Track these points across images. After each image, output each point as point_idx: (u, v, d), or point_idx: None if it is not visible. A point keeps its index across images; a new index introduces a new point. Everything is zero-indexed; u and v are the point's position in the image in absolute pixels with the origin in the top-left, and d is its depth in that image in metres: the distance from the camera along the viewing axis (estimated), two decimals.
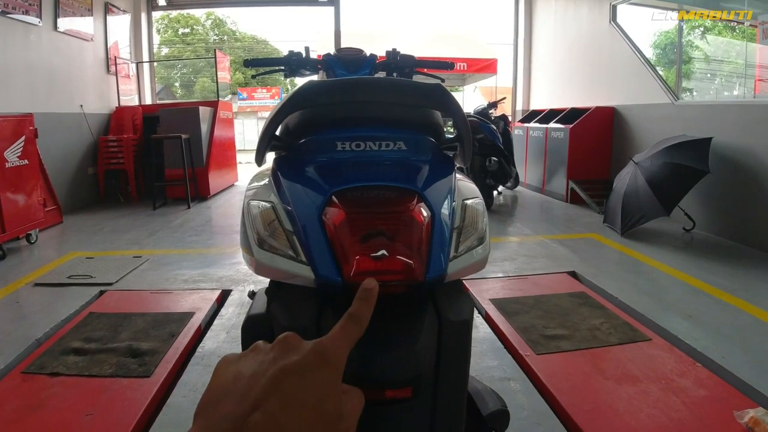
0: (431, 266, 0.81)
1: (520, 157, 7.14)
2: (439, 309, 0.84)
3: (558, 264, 3.54)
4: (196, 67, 27.38)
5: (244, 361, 0.37)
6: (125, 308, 2.74)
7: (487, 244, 0.94)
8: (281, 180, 0.94)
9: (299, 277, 0.83)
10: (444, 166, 0.98)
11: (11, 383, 2.00)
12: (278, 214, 0.89)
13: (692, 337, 2.32)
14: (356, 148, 0.95)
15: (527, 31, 8.67)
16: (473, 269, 0.92)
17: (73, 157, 6.06)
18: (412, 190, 0.88)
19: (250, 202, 0.95)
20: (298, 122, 1.01)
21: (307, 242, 0.83)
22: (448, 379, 0.85)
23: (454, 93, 12.68)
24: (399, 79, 0.95)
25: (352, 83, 0.95)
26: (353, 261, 0.77)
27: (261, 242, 0.88)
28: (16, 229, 3.97)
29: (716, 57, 6.83)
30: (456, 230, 0.89)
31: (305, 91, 0.90)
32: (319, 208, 0.84)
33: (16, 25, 5.01)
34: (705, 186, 4.17)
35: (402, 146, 0.96)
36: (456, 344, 0.86)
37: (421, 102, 0.96)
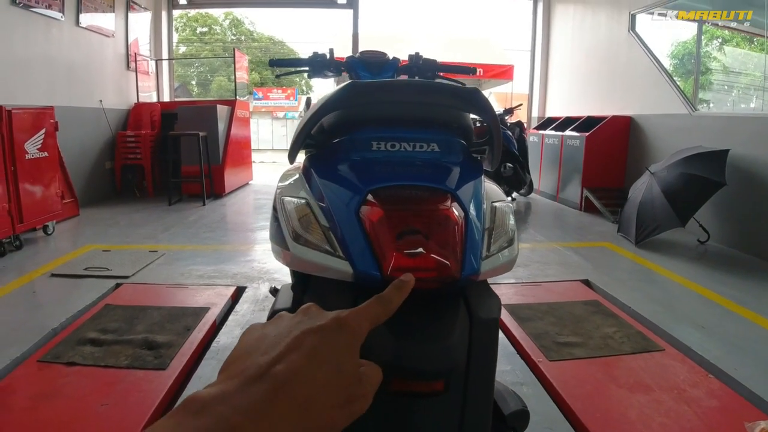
0: (466, 265, 0.83)
1: (534, 164, 7.12)
2: (470, 307, 0.86)
3: (571, 272, 3.53)
4: (213, 66, 27.60)
5: (268, 327, 0.40)
6: (141, 301, 2.78)
7: (516, 247, 0.96)
8: (315, 178, 0.96)
9: (337, 271, 0.84)
10: (473, 169, 1.00)
11: (27, 371, 2.04)
12: (313, 210, 0.91)
13: (704, 348, 2.30)
14: (391, 148, 0.97)
15: (545, 38, 8.66)
16: (503, 269, 0.94)
17: (91, 151, 6.14)
18: (445, 190, 0.90)
19: (284, 198, 0.97)
20: (333, 122, 1.03)
21: (344, 238, 0.85)
22: (477, 375, 0.86)
23: None
24: (439, 82, 0.97)
25: (394, 85, 0.97)
26: (390, 257, 0.79)
27: (297, 237, 0.91)
28: (33, 220, 4.03)
29: (734, 69, 6.77)
30: (487, 231, 0.91)
31: (349, 91, 0.92)
32: (356, 206, 0.86)
33: (39, 19, 5.09)
34: (721, 198, 4.13)
35: (435, 148, 0.98)
36: (485, 342, 0.87)
37: (459, 105, 0.98)
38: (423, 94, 0.96)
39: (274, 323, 0.40)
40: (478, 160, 1.08)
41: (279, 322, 0.40)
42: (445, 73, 1.86)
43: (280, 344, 0.36)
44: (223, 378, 0.35)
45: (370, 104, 0.98)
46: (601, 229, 5.04)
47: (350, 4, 8.35)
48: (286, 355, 0.35)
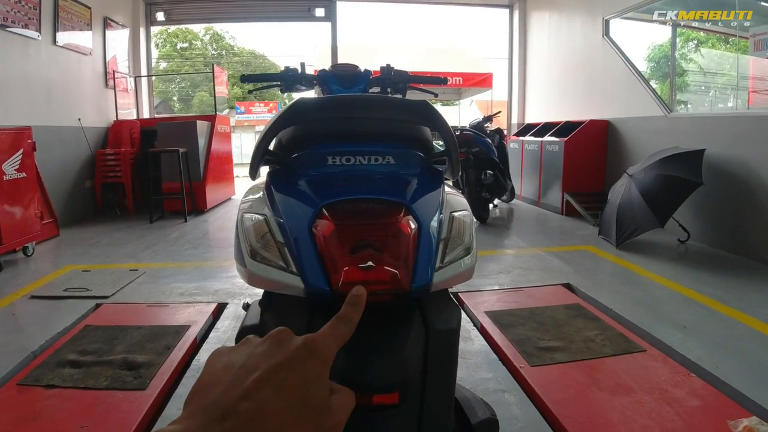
0: (417, 276, 0.83)
1: (515, 170, 7.19)
2: (426, 318, 0.86)
3: (553, 276, 3.55)
4: (195, 82, 27.51)
5: (235, 353, 0.38)
6: (121, 321, 2.74)
7: (474, 255, 0.97)
8: (274, 193, 0.97)
9: (290, 286, 0.85)
10: (432, 180, 1.01)
11: (7, 395, 2.01)
12: (270, 226, 0.91)
13: (686, 347, 2.33)
14: (346, 162, 0.98)
15: (522, 45, 8.77)
16: (460, 279, 0.94)
17: (71, 170, 6.07)
18: (400, 202, 0.91)
19: (244, 215, 0.98)
20: (291, 137, 1.04)
21: (297, 253, 0.85)
22: (435, 386, 0.87)
23: (451, 107, 12.75)
24: (387, 96, 0.98)
25: (342, 100, 0.98)
26: (341, 271, 0.79)
27: (253, 254, 0.91)
28: (12, 241, 3.97)
29: (710, 69, 6.91)
30: (443, 241, 0.92)
31: (297, 107, 0.93)
32: (310, 221, 0.87)
33: (15, 38, 5.04)
34: (699, 197, 4.20)
35: (391, 160, 0.99)
36: (442, 352, 0.87)
37: (408, 118, 0.99)
38: (369, 110, 0.97)
39: (241, 350, 0.39)
40: (438, 170, 1.09)
41: (245, 349, 0.39)
42: (416, 84, 1.88)
43: (247, 379, 0.35)
44: (186, 414, 0.34)
45: (321, 120, 0.99)
46: (582, 232, 5.09)
47: (328, 17, 8.40)
48: (252, 391, 0.34)
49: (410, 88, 1.86)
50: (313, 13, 8.41)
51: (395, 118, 1.00)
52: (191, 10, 8.64)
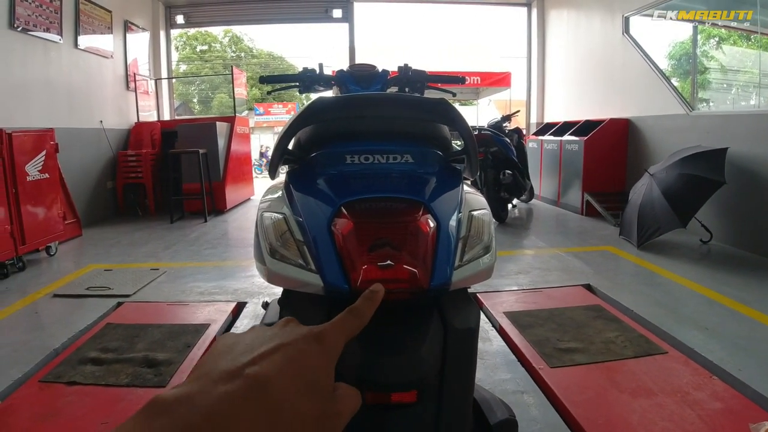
0: (435, 274, 0.83)
1: (534, 170, 7.12)
2: (445, 317, 0.86)
3: (573, 277, 3.51)
4: (214, 84, 27.81)
5: (243, 335, 0.38)
6: (142, 319, 2.78)
7: (493, 254, 0.96)
8: (293, 192, 0.97)
9: (309, 284, 0.85)
10: (451, 178, 1.01)
11: (29, 391, 2.05)
12: (290, 225, 0.92)
13: (708, 349, 2.28)
14: (365, 161, 0.98)
15: (540, 44, 8.69)
16: (479, 278, 0.93)
17: (93, 171, 6.18)
18: (418, 201, 0.91)
19: (264, 214, 0.98)
20: (310, 137, 1.04)
21: (316, 251, 0.86)
22: (453, 385, 0.86)
23: (468, 107, 12.71)
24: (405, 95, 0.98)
25: (360, 99, 0.98)
26: (360, 269, 0.79)
27: (273, 252, 0.91)
28: (35, 241, 4.06)
29: (732, 67, 6.77)
30: (462, 240, 0.91)
31: (315, 106, 0.94)
32: (329, 219, 0.87)
33: (37, 42, 5.16)
34: (721, 197, 4.12)
35: (409, 159, 0.98)
36: (461, 351, 0.87)
37: (426, 116, 0.99)
38: (386, 108, 0.97)
39: (250, 333, 0.39)
40: (457, 169, 1.09)
41: (254, 332, 0.39)
42: (434, 83, 1.87)
43: (255, 350, 0.35)
44: (190, 379, 0.33)
45: (339, 119, 0.99)
46: (603, 233, 5.02)
47: (346, 18, 8.42)
48: (260, 360, 0.34)
49: (428, 88, 1.86)
50: (330, 14, 8.45)
51: (413, 117, 0.99)
52: (210, 12, 8.75)
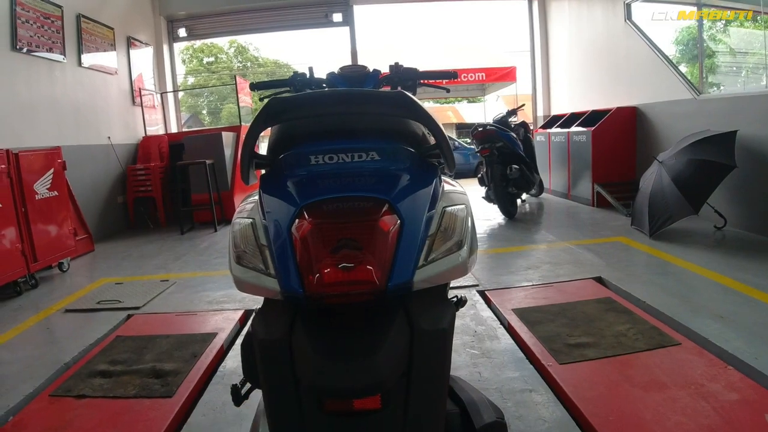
0: (394, 274, 0.81)
1: (543, 163, 7.05)
2: (412, 317, 0.83)
3: (584, 270, 3.46)
4: (222, 94, 28.00)
5: None
6: (151, 331, 2.80)
7: (469, 249, 0.93)
8: (262, 196, 0.96)
9: (269, 290, 0.84)
10: (424, 175, 0.98)
11: (39, 406, 2.07)
12: (256, 230, 0.90)
13: (723, 338, 2.22)
14: (329, 160, 0.96)
15: (543, 36, 8.62)
16: (451, 275, 0.90)
17: (103, 186, 6.25)
18: (382, 199, 0.89)
19: (234, 220, 0.97)
20: (277, 138, 1.03)
21: (276, 256, 0.84)
22: (422, 389, 0.83)
23: (476, 103, 12.68)
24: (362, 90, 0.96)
25: (315, 96, 0.96)
26: (321, 272, 0.77)
27: (239, 258, 0.90)
28: (47, 258, 4.11)
29: (740, 49, 6.64)
30: (430, 238, 0.88)
31: (270, 108, 0.92)
32: (290, 221, 0.85)
33: (41, 62, 5.22)
34: (733, 181, 4.03)
35: (375, 156, 0.96)
36: (430, 354, 0.84)
37: (384, 110, 0.96)
38: (345, 104, 0.94)
39: None
40: (432, 165, 1.06)
41: None
42: (426, 80, 1.85)
43: None
44: None
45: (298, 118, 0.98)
46: (614, 223, 4.94)
47: (346, 21, 8.43)
48: None
49: (420, 85, 1.84)
50: (330, 19, 8.46)
51: (372, 111, 0.97)
52: (212, 24, 8.80)
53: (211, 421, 1.91)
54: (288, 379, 0.79)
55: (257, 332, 0.86)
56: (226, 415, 1.92)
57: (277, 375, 0.81)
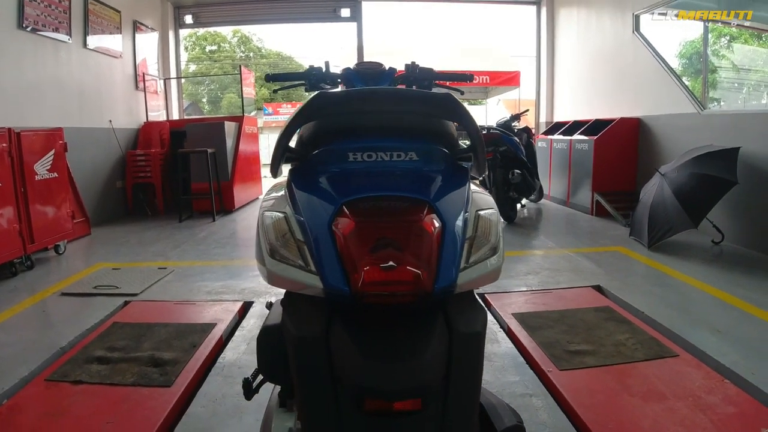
0: (440, 277, 0.80)
1: (544, 169, 7.07)
2: (450, 320, 0.83)
3: (583, 278, 3.47)
4: (223, 84, 27.92)
5: None
6: (149, 318, 2.78)
7: (501, 255, 0.93)
8: (294, 191, 0.95)
9: (308, 286, 0.83)
10: (457, 177, 0.98)
11: (35, 390, 2.05)
12: (290, 224, 0.89)
13: (720, 352, 2.24)
14: (368, 158, 0.96)
15: (550, 42, 8.63)
16: (486, 280, 0.91)
17: (102, 170, 6.21)
18: (423, 200, 0.88)
19: (264, 213, 0.96)
20: (312, 133, 1.02)
21: (317, 252, 0.83)
22: (459, 391, 0.83)
23: (478, 106, 12.65)
24: (409, 90, 0.95)
25: (362, 94, 0.95)
26: (361, 271, 0.77)
27: (273, 252, 0.89)
28: (44, 240, 4.08)
29: (743, 66, 6.69)
30: (468, 241, 0.88)
31: (318, 101, 0.91)
32: (330, 218, 0.85)
33: (47, 42, 5.18)
34: (734, 197, 4.05)
35: (413, 156, 0.96)
36: (466, 356, 0.84)
37: (431, 111, 0.96)
38: (391, 103, 0.94)
39: None
40: (463, 167, 1.06)
41: None
42: (441, 81, 1.85)
43: None
44: None
45: (342, 114, 0.97)
46: (613, 233, 4.97)
47: (354, 17, 8.41)
48: None
49: (435, 86, 1.84)
50: (338, 14, 8.44)
51: (419, 112, 0.97)
52: (219, 12, 8.77)
53: (210, 412, 1.91)
54: (325, 377, 0.79)
55: (291, 329, 0.86)
56: (225, 407, 1.92)
57: (314, 373, 0.81)
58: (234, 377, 2.16)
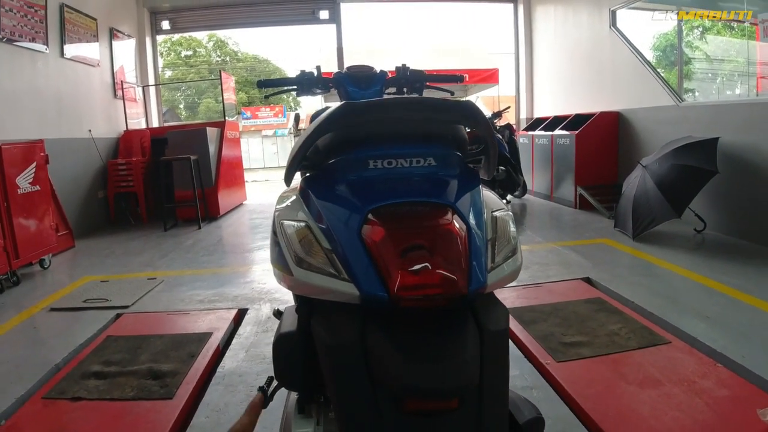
0: (472, 279, 0.82)
1: (526, 165, 7.15)
2: (479, 320, 0.85)
3: (571, 271, 3.53)
4: (200, 89, 27.67)
5: None
6: (143, 330, 2.76)
7: (520, 254, 0.96)
8: (313, 199, 0.96)
9: (342, 294, 0.84)
10: (470, 179, 1.00)
11: (33, 409, 2.02)
12: (314, 232, 0.90)
13: (711, 338, 2.30)
14: (388, 165, 0.97)
15: (527, 39, 8.72)
16: (508, 279, 0.93)
17: (83, 181, 6.11)
18: (445, 204, 0.90)
19: (284, 222, 0.97)
20: (328, 142, 1.02)
21: (347, 259, 0.84)
22: (491, 388, 0.86)
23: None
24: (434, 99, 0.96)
25: (389, 103, 0.96)
26: (396, 276, 0.78)
27: (299, 261, 0.90)
28: (29, 254, 4.00)
29: (717, 56, 6.83)
30: (490, 242, 0.91)
31: (343, 110, 0.92)
32: (358, 226, 0.86)
33: (23, 52, 5.08)
34: (714, 186, 4.15)
35: (432, 162, 0.98)
36: (497, 353, 0.87)
37: (454, 119, 0.98)
38: (418, 111, 0.95)
39: None
40: (473, 170, 1.08)
41: None
42: (432, 83, 1.87)
43: None
44: None
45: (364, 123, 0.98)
46: (597, 225, 5.05)
47: (333, 19, 8.39)
48: None
49: (427, 87, 1.85)
50: (317, 16, 8.41)
51: (443, 120, 0.99)
52: (196, 17, 8.69)
53: (214, 422, 1.90)
54: (364, 381, 0.80)
55: (321, 335, 0.87)
56: (229, 416, 1.91)
57: (352, 378, 0.82)
58: (235, 386, 2.15)
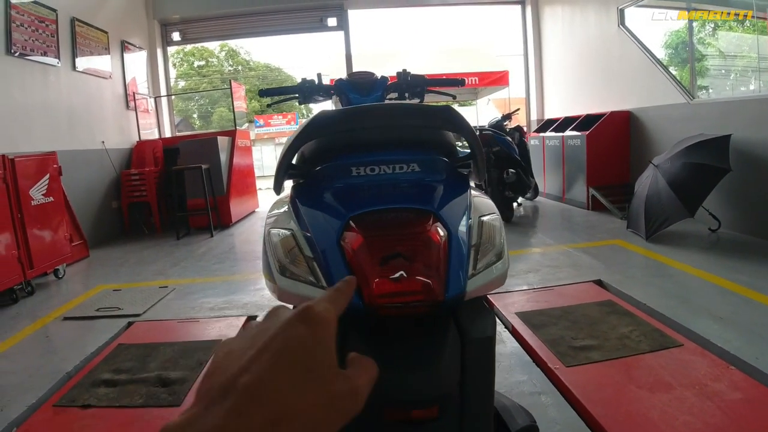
0: (450, 285, 0.82)
1: (538, 167, 7.10)
2: (461, 327, 0.84)
3: (583, 273, 3.49)
4: (213, 98, 27.94)
5: (235, 340, 0.38)
6: (153, 338, 2.77)
7: (506, 260, 0.94)
8: (299, 207, 0.96)
9: None
10: (458, 185, 0.99)
11: (43, 417, 2.03)
12: (298, 241, 0.91)
13: (724, 339, 2.26)
14: (371, 172, 0.97)
15: (536, 41, 8.69)
16: (493, 285, 0.92)
17: (97, 192, 6.21)
18: (427, 210, 0.90)
19: (271, 231, 0.97)
20: (314, 150, 1.03)
21: (327, 267, 0.84)
22: (474, 396, 0.84)
23: (468, 107, 12.69)
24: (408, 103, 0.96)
25: (361, 111, 0.97)
26: (372, 284, 0.78)
27: (282, 269, 0.90)
28: (43, 265, 4.07)
29: (729, 52, 6.74)
30: (474, 247, 0.90)
31: (317, 121, 0.93)
32: (338, 234, 0.86)
33: (35, 66, 5.19)
34: (728, 184, 4.09)
35: (416, 168, 0.97)
36: (480, 361, 0.85)
37: (430, 124, 0.98)
38: (390, 118, 0.95)
39: (242, 334, 0.38)
40: (464, 175, 1.07)
41: (244, 333, 0.38)
42: (433, 87, 1.86)
43: (244, 357, 0.34)
44: (194, 402, 0.33)
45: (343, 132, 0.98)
46: (610, 226, 4.99)
47: (341, 26, 8.45)
48: (248, 366, 0.33)
49: (428, 92, 1.85)
50: (325, 23, 8.47)
51: (418, 125, 0.98)
52: (205, 28, 8.79)
53: None
54: None
55: None
56: None
57: None
58: None
